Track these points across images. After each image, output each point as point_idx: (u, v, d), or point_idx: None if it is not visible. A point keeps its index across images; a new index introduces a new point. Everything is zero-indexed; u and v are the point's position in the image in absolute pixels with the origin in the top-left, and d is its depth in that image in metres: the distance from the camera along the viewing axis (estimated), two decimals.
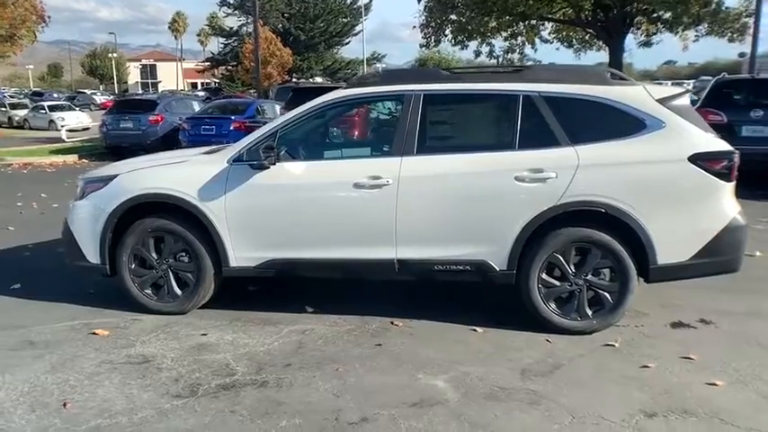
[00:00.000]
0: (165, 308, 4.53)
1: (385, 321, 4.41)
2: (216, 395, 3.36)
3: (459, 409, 3.21)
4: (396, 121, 4.25)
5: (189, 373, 3.62)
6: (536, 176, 3.99)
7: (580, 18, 18.71)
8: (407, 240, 4.17)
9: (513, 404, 3.26)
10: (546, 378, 3.56)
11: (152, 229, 4.45)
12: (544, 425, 3.06)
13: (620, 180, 3.94)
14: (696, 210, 3.96)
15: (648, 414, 3.15)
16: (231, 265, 4.40)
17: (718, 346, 3.97)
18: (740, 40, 17.99)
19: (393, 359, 3.82)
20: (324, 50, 51.86)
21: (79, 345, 4.04)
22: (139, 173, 4.52)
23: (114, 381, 3.53)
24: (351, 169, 4.23)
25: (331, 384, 3.48)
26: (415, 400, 3.30)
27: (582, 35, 21.47)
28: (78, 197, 4.64)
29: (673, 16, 16.58)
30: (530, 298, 4.14)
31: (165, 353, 3.91)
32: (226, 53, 51.10)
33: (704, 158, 3.92)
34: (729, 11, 16.95)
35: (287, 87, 20.58)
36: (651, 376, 3.57)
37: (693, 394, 3.35)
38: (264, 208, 4.30)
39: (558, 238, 4.04)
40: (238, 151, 4.35)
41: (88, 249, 4.55)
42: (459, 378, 3.55)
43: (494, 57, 21.22)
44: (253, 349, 3.97)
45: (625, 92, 4.09)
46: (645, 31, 19.23)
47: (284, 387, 3.45)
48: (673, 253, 3.97)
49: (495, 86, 4.23)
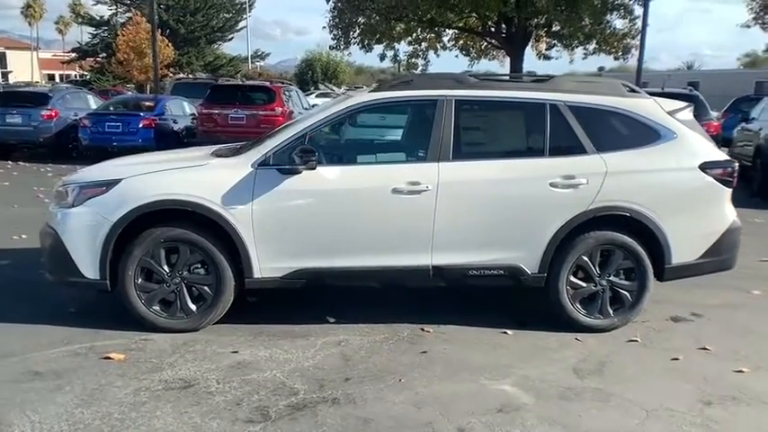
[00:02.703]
0: (177, 325, 4.13)
1: (414, 328, 4.36)
2: (293, 417, 3.14)
3: (542, 412, 3.27)
4: (429, 127, 4.22)
5: (246, 396, 3.34)
6: (569, 183, 4.16)
7: (486, 28, 19.66)
8: (444, 246, 4.16)
9: (587, 403, 3.39)
10: (599, 376, 3.73)
11: (165, 240, 4.04)
12: (626, 420, 3.22)
13: (643, 186, 4.23)
14: (705, 213, 4.36)
15: (705, 402, 3.42)
16: (255, 277, 4.11)
17: (721, 336, 4.38)
18: (624, 59, 20.03)
19: (446, 366, 3.80)
20: (205, 45, 49.68)
21: (97, 372, 3.57)
22: (151, 177, 4.08)
23: (166, 410, 3.17)
24: (387, 174, 4.14)
25: (404, 396, 3.39)
26: (497, 406, 3.32)
27: (480, 45, 22.57)
28: (70, 204, 4.08)
29: (568, 33, 17.99)
30: (558, 299, 4.31)
31: (204, 374, 3.58)
32: (95, 44, 47.19)
33: (711, 167, 4.32)
34: (617, 31, 18.74)
35: (189, 83, 19.56)
36: (685, 368, 3.87)
37: (730, 382, 3.68)
38: (296, 215, 4.07)
39: (587, 241, 4.24)
40: (264, 155, 4.09)
41: (84, 263, 4.02)
42: (521, 381, 3.61)
43: (398, 61, 21.65)
44: (299, 365, 3.75)
45: (641, 104, 4.40)
46: (545, 44, 20.63)
47: (359, 403, 3.30)
48: (685, 253, 4.33)
49: (524, 95, 4.36)
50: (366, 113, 4.45)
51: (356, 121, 14.20)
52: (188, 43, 47.17)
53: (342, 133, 4.40)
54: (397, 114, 5.23)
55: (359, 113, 4.28)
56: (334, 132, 4.34)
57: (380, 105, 4.29)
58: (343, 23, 20.25)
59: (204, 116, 12.67)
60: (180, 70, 47.35)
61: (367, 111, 4.27)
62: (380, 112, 4.27)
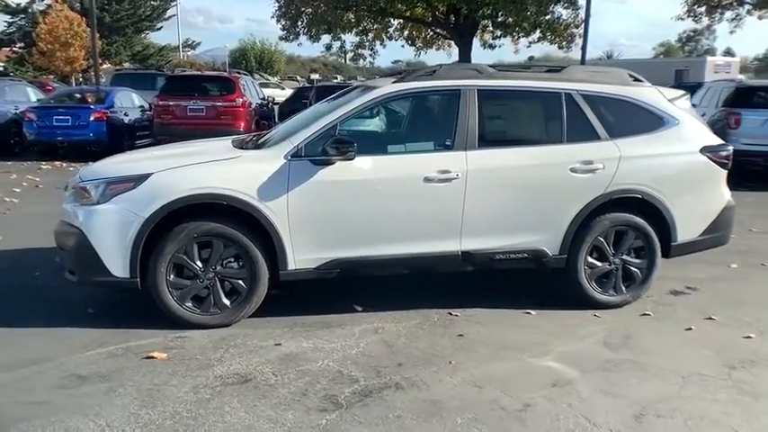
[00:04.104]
0: (210, 321, 4.07)
1: (442, 313, 4.48)
2: (364, 403, 3.19)
3: (591, 384, 3.47)
4: (454, 116, 4.32)
5: (309, 386, 3.36)
6: (587, 168, 4.39)
7: (436, 19, 19.89)
8: (472, 232, 4.30)
9: (629, 372, 3.62)
10: (627, 348, 3.98)
11: (198, 234, 3.96)
12: (667, 387, 3.46)
13: (652, 170, 4.51)
14: (706, 194, 4.70)
15: (730, 367, 3.73)
16: (289, 269, 4.11)
17: (720, 306, 4.74)
18: (568, 49, 20.80)
19: (486, 347, 3.94)
20: (132, 35, 47.62)
21: (144, 372, 3.48)
22: (183, 171, 3.97)
23: (234, 405, 3.15)
24: (418, 163, 4.22)
25: (460, 377, 3.51)
26: (549, 381, 3.49)
27: (426, 35, 22.81)
28: (95, 201, 3.92)
29: (514, 22, 18.52)
30: (577, 279, 4.54)
31: (257, 368, 3.56)
32: (11, 33, 44.22)
33: (710, 150, 4.66)
34: (562, 22, 19.43)
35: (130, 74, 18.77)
36: (700, 336, 4.19)
37: (743, 347, 4.02)
38: (330, 205, 4.09)
39: (603, 222, 4.49)
40: (296, 146, 4.07)
41: (114, 262, 3.89)
42: (562, 357, 3.81)
43: (344, 51, 21.56)
44: (346, 353, 3.79)
45: (646, 92, 4.68)
46: (491, 34, 21.10)
47: (421, 387, 3.39)
48: (689, 231, 4.66)
49: (541, 84, 4.54)
50: (399, 102, 4.46)
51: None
52: (114, 32, 45.03)
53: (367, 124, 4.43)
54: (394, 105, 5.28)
55: (385, 104, 4.32)
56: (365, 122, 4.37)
57: (407, 95, 4.35)
58: (291, 13, 19.95)
59: (161, 108, 12.23)
60: (107, 60, 45.20)
61: (395, 101, 4.32)
62: (407, 101, 4.33)
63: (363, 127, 4.41)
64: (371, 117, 4.36)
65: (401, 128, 4.49)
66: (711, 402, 3.30)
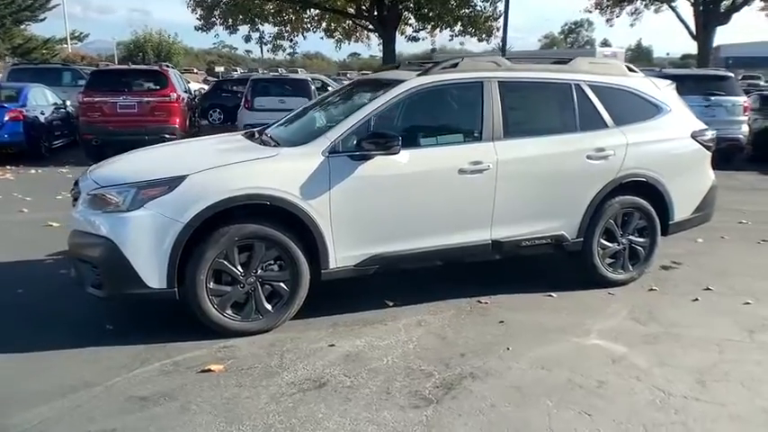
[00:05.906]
0: (252, 327, 3.89)
1: (471, 301, 4.56)
2: (452, 396, 3.20)
3: (644, 357, 3.69)
4: (479, 108, 4.39)
5: (388, 384, 3.32)
6: (601, 155, 4.62)
7: (360, 11, 19.77)
8: (502, 221, 4.41)
9: (669, 344, 3.89)
10: (655, 321, 4.26)
11: (240, 237, 3.76)
12: (709, 354, 3.75)
13: (653, 154, 4.83)
14: (696, 175, 5.10)
15: (749, 331, 4.11)
16: (331, 267, 4.01)
17: (708, 277, 5.17)
18: (487, 41, 21.46)
19: (530, 331, 4.06)
20: (11, 26, 43.56)
21: (210, 387, 3.27)
22: (222, 171, 3.73)
23: (324, 410, 3.05)
24: (452, 155, 4.25)
25: (525, 362, 3.60)
26: (608, 359, 3.67)
27: (345, 27, 22.66)
28: (125, 208, 3.61)
29: (437, 15, 18.85)
30: (591, 260, 4.78)
31: (325, 371, 3.46)
32: None
33: (698, 134, 5.06)
34: (482, 14, 20.01)
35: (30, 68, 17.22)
36: (709, 306, 4.56)
37: (749, 311, 4.43)
38: (371, 200, 4.02)
39: (614, 206, 4.75)
40: (332, 142, 3.97)
41: (149, 272, 3.61)
42: (603, 335, 4.01)
43: (264, 42, 20.97)
44: (404, 348, 3.77)
45: (641, 82, 4.99)
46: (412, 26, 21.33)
47: (495, 374, 3.45)
48: (683, 210, 5.04)
49: (553, 75, 4.71)
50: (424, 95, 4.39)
51: (253, 105, 13.52)
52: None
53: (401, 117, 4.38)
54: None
55: (413, 97, 4.29)
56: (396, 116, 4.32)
57: (435, 88, 4.35)
58: (207, 2, 19.09)
59: (87, 105, 11.30)
60: None
61: (422, 94, 4.30)
62: (433, 94, 4.32)
63: (398, 121, 4.35)
64: (399, 110, 4.31)
65: (430, 120, 4.49)
66: (755, 365, 3.62)
